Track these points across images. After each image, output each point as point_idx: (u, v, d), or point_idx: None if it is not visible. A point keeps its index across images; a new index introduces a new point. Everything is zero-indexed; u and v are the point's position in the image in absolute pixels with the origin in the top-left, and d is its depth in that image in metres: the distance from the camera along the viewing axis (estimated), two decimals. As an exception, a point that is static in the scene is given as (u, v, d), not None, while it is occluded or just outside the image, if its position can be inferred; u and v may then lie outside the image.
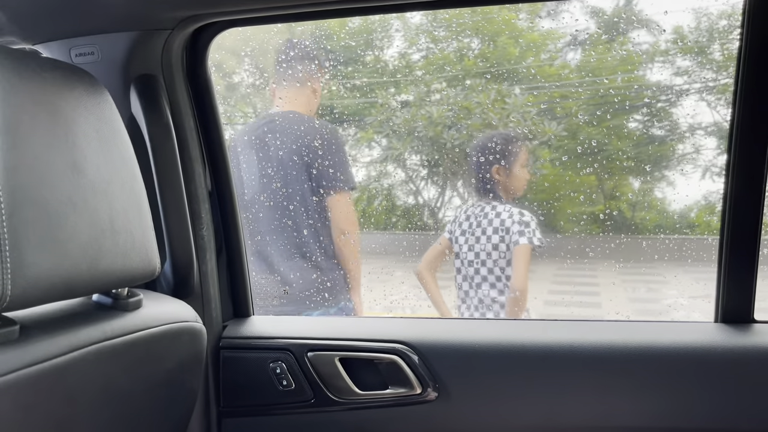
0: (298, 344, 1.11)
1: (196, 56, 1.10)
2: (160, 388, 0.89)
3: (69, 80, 0.75)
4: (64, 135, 0.71)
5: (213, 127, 1.14)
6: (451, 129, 6.00)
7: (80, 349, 0.73)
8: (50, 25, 1.02)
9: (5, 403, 0.65)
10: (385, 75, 6.66)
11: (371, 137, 6.85)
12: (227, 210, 1.18)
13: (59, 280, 0.69)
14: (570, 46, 6.48)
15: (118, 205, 0.78)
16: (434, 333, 1.09)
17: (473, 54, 6.46)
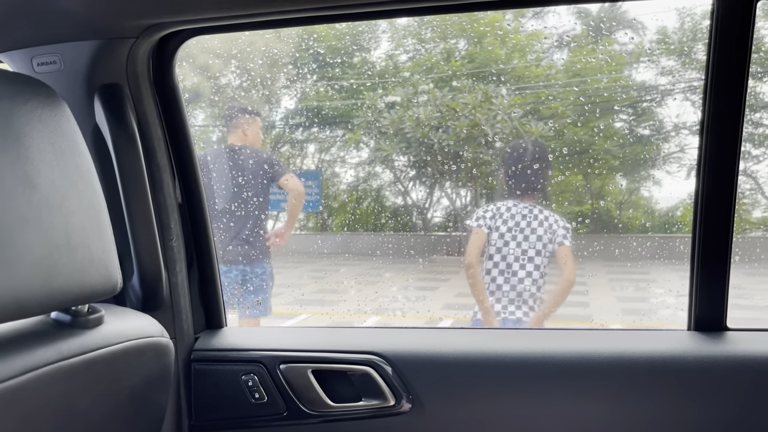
0: (271, 356, 1.09)
1: (163, 65, 1.08)
2: (124, 407, 0.87)
3: (23, 92, 0.73)
4: (15, 149, 0.69)
5: (182, 135, 1.12)
6: (438, 130, 6.00)
7: (35, 370, 0.71)
8: (11, 33, 1.00)
9: None
10: (373, 76, 6.65)
11: (359, 139, 6.84)
12: (198, 220, 1.16)
13: (9, 300, 0.67)
14: (556, 47, 6.51)
15: (75, 220, 0.75)
16: (408, 343, 1.08)
17: (460, 55, 6.47)
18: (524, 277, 2.17)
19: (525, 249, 2.17)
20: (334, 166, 7.53)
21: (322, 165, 7.46)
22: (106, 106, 1.00)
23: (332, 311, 5.27)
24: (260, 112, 3.82)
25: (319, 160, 7.51)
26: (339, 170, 7.69)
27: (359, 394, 1.07)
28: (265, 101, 7.22)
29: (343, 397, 1.08)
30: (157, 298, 1.07)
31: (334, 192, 7.49)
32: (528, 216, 2.20)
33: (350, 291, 6.04)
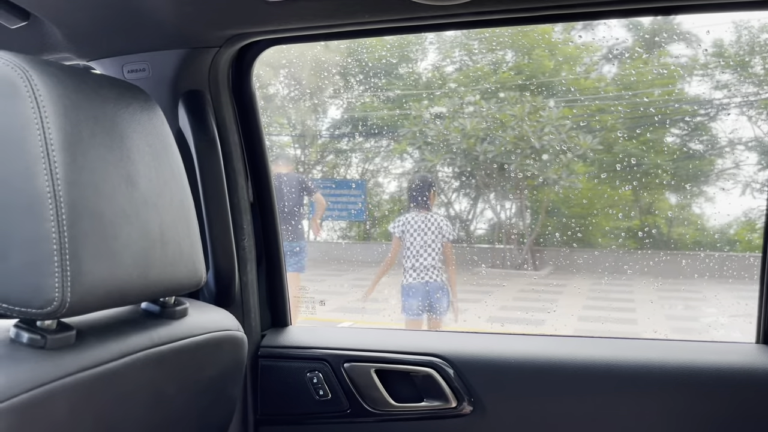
0: (335, 355, 1.12)
1: (242, 72, 1.14)
2: (202, 395, 0.92)
3: (124, 97, 0.79)
4: (119, 150, 0.74)
5: (256, 140, 1.17)
6: (484, 141, 6.00)
7: (130, 355, 0.76)
8: (105, 42, 1.07)
9: (62, 404, 0.68)
10: (420, 87, 6.70)
11: (404, 149, 6.89)
12: (268, 221, 1.20)
13: (113, 289, 0.72)
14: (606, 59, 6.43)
15: (168, 218, 0.81)
16: (470, 347, 1.09)
17: (508, 66, 6.46)
18: (426, 257, 3.43)
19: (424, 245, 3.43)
20: (378, 175, 7.58)
21: (367, 174, 7.52)
22: (190, 111, 1.06)
23: (374, 319, 5.31)
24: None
25: (363, 169, 7.57)
26: (383, 180, 7.74)
27: (421, 395, 1.09)
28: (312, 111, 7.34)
29: (405, 397, 1.10)
30: (229, 295, 1.12)
31: (378, 201, 7.54)
32: (425, 220, 3.47)
33: (391, 300, 6.06)
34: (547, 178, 6.07)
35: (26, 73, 0.66)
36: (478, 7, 0.88)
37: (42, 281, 0.64)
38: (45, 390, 0.65)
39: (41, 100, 0.66)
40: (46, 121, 0.65)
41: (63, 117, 0.67)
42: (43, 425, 0.66)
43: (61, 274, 0.65)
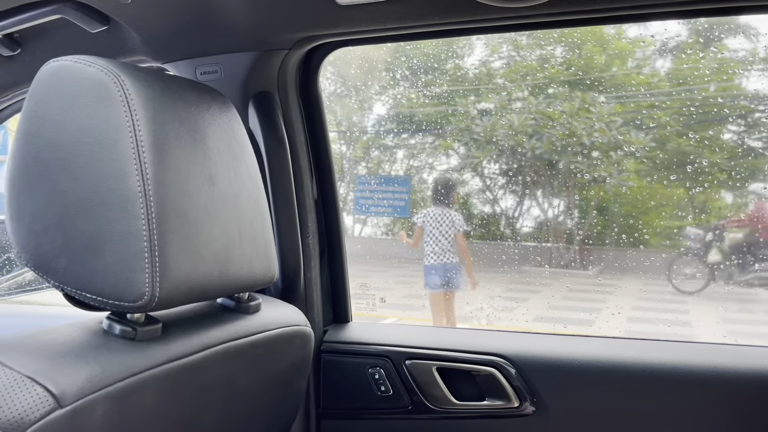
0: (397, 352, 1.14)
1: (309, 74, 1.16)
2: (272, 388, 0.95)
3: (204, 99, 0.82)
4: (202, 150, 0.78)
5: (321, 139, 1.20)
6: (532, 138, 5.92)
7: (210, 348, 0.79)
8: (179, 45, 1.11)
9: (150, 394, 0.72)
10: (466, 83, 6.65)
11: (450, 145, 6.85)
12: (331, 218, 1.23)
13: (196, 284, 0.75)
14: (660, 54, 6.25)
15: (245, 216, 0.84)
16: (532, 347, 1.09)
17: (557, 62, 6.35)
18: (443, 243, 4.26)
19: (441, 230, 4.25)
20: (423, 172, 7.57)
21: (412, 171, 7.52)
22: (260, 112, 1.09)
23: (418, 316, 5.32)
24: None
25: (408, 166, 7.57)
26: (428, 177, 7.72)
27: (483, 394, 1.10)
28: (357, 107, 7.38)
29: (466, 395, 1.11)
30: (295, 291, 1.15)
31: (422, 198, 7.53)
32: (442, 214, 4.31)
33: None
34: (596, 176, 5.95)
35: (119, 78, 0.70)
36: (549, 8, 0.88)
37: (133, 276, 0.68)
38: (136, 380, 0.69)
39: (132, 103, 0.69)
40: (137, 124, 0.69)
41: (152, 120, 0.71)
42: (134, 413, 0.69)
43: (151, 269, 0.68)
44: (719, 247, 5.55)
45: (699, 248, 5.48)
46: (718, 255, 5.48)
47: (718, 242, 5.58)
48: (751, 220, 5.50)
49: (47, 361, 0.64)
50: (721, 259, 5.41)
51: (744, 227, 5.60)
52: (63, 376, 0.63)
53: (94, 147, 0.68)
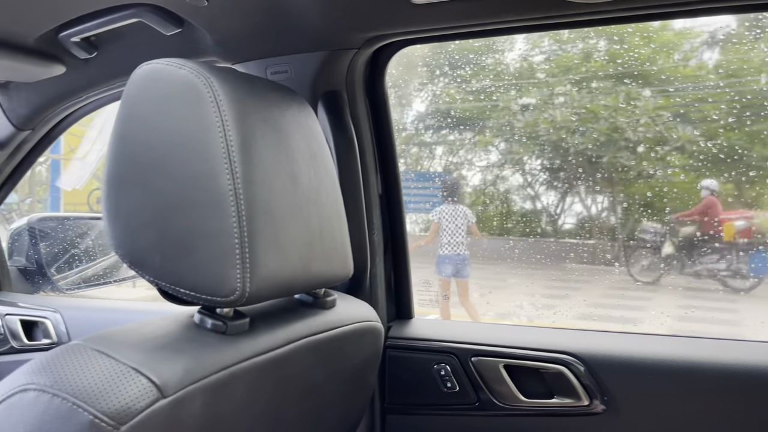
0: (463, 348, 1.14)
1: (376, 72, 1.17)
2: (346, 383, 0.96)
3: (285, 99, 0.84)
4: (285, 150, 0.79)
5: (387, 136, 1.21)
6: (575, 133, 5.83)
7: (293, 342, 0.81)
8: (250, 46, 1.13)
9: (239, 387, 0.74)
10: (507, 78, 6.59)
11: (490, 141, 6.80)
12: (395, 214, 1.24)
13: (281, 280, 0.77)
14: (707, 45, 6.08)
15: (324, 213, 0.85)
16: (602, 345, 1.08)
17: (600, 55, 6.23)
18: (457, 236, 4.73)
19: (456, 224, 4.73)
20: (462, 168, 7.54)
21: (451, 167, 7.50)
22: (329, 111, 1.10)
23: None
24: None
25: (447, 162, 7.55)
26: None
27: (551, 392, 1.10)
28: (397, 103, 7.38)
29: (534, 393, 1.11)
30: (361, 287, 1.17)
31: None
32: (455, 209, 4.83)
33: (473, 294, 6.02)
34: (641, 171, 5.84)
35: (208, 80, 0.72)
36: (627, 3, 0.87)
37: (225, 272, 0.70)
38: (228, 372, 0.71)
39: (221, 105, 0.71)
40: (226, 125, 0.71)
41: (240, 120, 0.72)
42: (227, 405, 0.71)
43: (242, 266, 0.70)
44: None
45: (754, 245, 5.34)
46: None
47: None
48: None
49: (148, 353, 0.67)
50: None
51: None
52: (164, 368, 0.65)
53: (186, 147, 0.71)
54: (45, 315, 1.56)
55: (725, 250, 5.30)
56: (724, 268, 5.10)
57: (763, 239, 5.26)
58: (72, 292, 1.82)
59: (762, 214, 5.46)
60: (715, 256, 5.24)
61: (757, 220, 5.34)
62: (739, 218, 5.30)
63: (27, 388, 0.61)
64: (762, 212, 5.54)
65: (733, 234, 5.18)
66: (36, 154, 1.54)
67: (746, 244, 5.24)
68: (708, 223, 5.29)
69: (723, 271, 5.10)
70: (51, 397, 0.60)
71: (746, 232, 5.22)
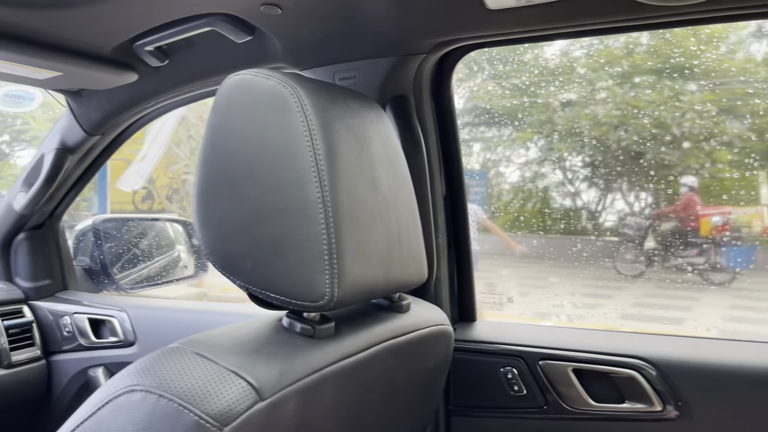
0: (530, 352, 1.14)
1: (443, 76, 1.17)
2: (420, 385, 0.97)
3: (364, 107, 0.85)
4: (366, 157, 0.80)
5: (452, 139, 1.21)
6: (617, 129, 5.73)
7: (375, 345, 0.82)
8: (319, 53, 1.15)
9: (328, 389, 0.76)
10: (546, 74, 6.51)
11: (529, 137, 6.73)
12: (459, 217, 1.24)
13: (365, 285, 0.78)
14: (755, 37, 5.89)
15: (402, 218, 0.86)
16: (676, 350, 1.07)
17: (643, 49, 6.10)
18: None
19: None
20: (499, 165, 7.48)
21: (489, 164, 7.45)
22: (397, 116, 1.11)
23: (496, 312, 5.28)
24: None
25: (485, 159, 7.50)
26: (504, 170, 7.63)
27: (622, 397, 1.09)
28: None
29: (603, 397, 1.10)
30: (426, 290, 1.17)
31: (498, 192, 7.44)
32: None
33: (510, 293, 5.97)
34: (686, 168, 5.71)
35: (295, 90, 0.73)
36: (708, 5, 0.86)
37: (314, 278, 0.71)
38: (318, 375, 0.73)
39: (308, 113, 0.73)
40: (313, 133, 0.72)
41: (325, 128, 0.74)
42: (316, 408, 0.73)
43: (330, 271, 0.71)
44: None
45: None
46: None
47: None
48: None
49: (245, 357, 0.69)
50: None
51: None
52: (261, 371, 0.67)
53: (275, 156, 0.72)
54: (112, 314, 1.61)
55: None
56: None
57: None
58: (133, 291, 1.87)
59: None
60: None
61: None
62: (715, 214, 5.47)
63: (134, 389, 0.64)
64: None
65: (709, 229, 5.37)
66: (104, 158, 1.59)
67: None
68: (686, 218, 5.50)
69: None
70: (157, 398, 0.62)
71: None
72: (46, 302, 1.68)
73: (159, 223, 2.14)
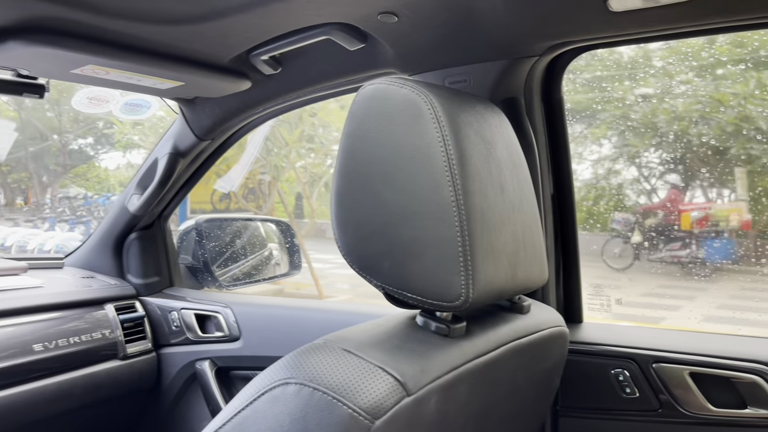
0: (643, 354, 1.13)
1: (554, 77, 1.18)
2: (537, 386, 0.98)
3: (488, 111, 0.87)
4: (493, 160, 0.82)
5: (562, 141, 1.21)
6: (699, 124, 5.50)
7: (503, 346, 0.84)
8: (430, 57, 1.17)
9: (462, 387, 0.78)
10: (621, 67, 6.32)
11: (603, 134, 6.55)
12: (567, 218, 1.24)
13: (494, 287, 0.80)
14: None
15: (526, 221, 0.87)
16: None
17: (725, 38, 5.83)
18: None
19: None
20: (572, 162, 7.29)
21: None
22: (508, 119, 1.12)
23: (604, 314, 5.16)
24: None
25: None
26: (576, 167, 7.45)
27: (744, 402, 1.06)
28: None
29: (724, 402, 1.08)
30: (535, 291, 1.18)
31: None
32: None
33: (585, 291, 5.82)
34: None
35: (428, 97, 0.76)
36: None
37: (450, 279, 0.74)
38: (456, 373, 0.75)
39: (441, 120, 0.75)
40: (446, 139, 0.74)
41: (457, 134, 0.76)
42: (452, 405, 0.75)
43: (465, 272, 0.74)
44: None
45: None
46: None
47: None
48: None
49: (388, 353, 0.72)
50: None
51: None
52: (405, 367, 0.70)
53: (411, 161, 0.75)
54: (217, 310, 1.70)
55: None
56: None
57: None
58: (233, 288, 1.96)
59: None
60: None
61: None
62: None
63: (288, 382, 0.68)
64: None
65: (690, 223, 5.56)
66: (210, 162, 1.67)
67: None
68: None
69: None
70: (312, 390, 0.66)
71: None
72: (155, 298, 1.79)
73: (253, 222, 2.23)
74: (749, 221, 5.55)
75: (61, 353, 1.50)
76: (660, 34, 1.00)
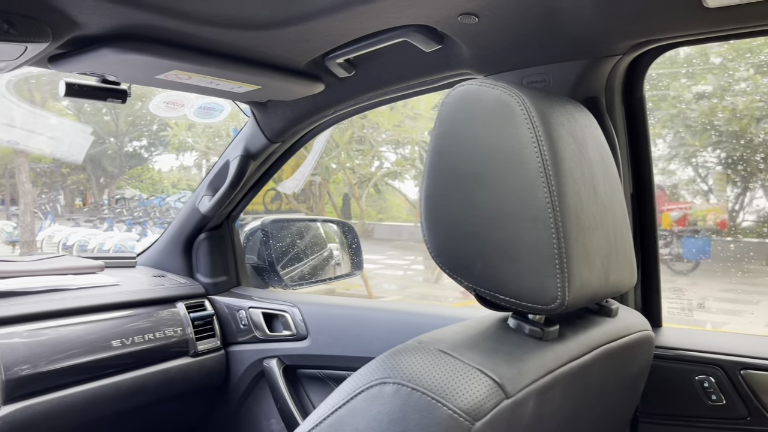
0: (730, 361, 1.09)
1: (636, 76, 1.15)
2: (624, 390, 0.96)
3: (577, 111, 0.86)
4: (585, 161, 0.81)
5: (643, 142, 1.18)
6: (760, 122, 5.31)
7: (595, 349, 0.83)
8: (508, 58, 1.15)
9: (557, 390, 0.77)
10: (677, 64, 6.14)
11: (659, 133, 6.39)
12: (646, 220, 1.21)
13: (588, 289, 0.79)
14: None
15: (618, 223, 0.86)
16: None
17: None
18: None
19: None
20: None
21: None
22: None
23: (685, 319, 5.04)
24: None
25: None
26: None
27: (842, 412, 1.02)
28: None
29: None
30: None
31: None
32: None
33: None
34: None
35: (520, 98, 0.75)
36: None
37: (546, 281, 0.73)
38: (551, 376, 0.74)
39: (534, 121, 0.74)
40: (540, 140, 0.74)
41: (550, 134, 0.75)
42: (547, 408, 0.75)
43: (561, 275, 0.73)
44: None
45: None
46: None
47: None
48: None
49: (485, 355, 0.71)
50: None
51: None
52: (503, 370, 0.69)
53: (503, 162, 0.75)
54: (284, 309, 1.72)
55: None
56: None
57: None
58: (297, 288, 1.98)
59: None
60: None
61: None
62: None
63: (385, 382, 0.68)
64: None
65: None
66: (279, 164, 1.70)
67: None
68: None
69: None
70: (410, 391, 0.66)
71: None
72: (223, 297, 1.83)
73: (315, 223, 2.25)
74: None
75: (136, 349, 1.55)
76: (752, 31, 0.97)
